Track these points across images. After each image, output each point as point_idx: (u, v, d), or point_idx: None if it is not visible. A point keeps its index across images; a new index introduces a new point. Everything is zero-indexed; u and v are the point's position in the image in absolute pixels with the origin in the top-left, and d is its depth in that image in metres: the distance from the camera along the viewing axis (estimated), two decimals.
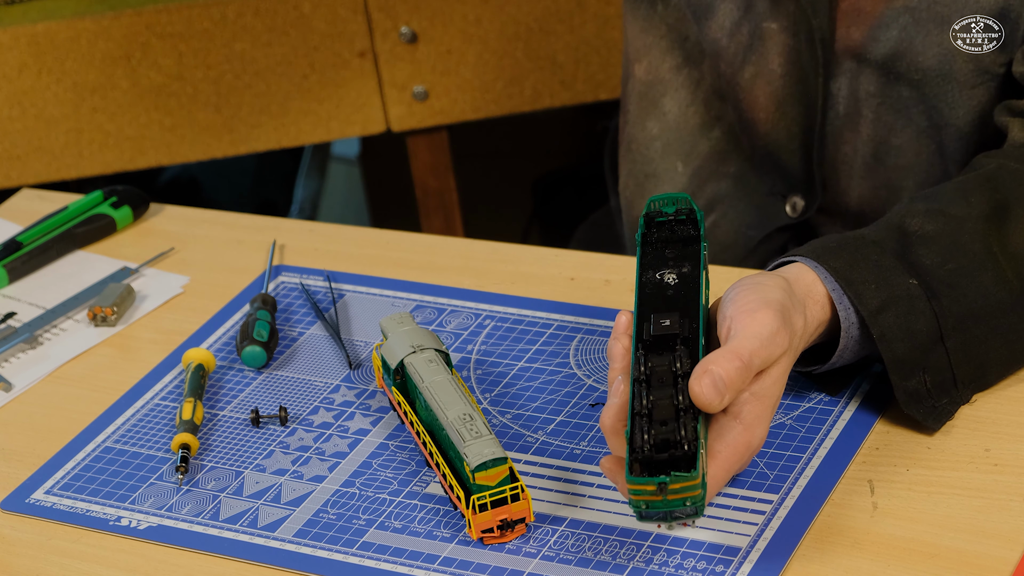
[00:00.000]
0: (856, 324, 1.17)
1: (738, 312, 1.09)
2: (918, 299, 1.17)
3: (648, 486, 1.01)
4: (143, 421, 1.32)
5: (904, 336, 1.16)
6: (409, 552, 1.14)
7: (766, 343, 1.08)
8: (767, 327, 1.08)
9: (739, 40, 1.46)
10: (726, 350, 1.06)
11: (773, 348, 1.08)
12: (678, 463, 1.02)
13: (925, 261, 1.19)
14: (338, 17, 2.04)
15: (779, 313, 1.09)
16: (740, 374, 1.05)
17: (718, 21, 1.47)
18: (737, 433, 1.07)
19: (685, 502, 1.02)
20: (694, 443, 1.02)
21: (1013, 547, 1.08)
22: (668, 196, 1.16)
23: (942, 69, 1.37)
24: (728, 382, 1.05)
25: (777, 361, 1.09)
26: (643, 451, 1.02)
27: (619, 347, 1.10)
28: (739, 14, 1.46)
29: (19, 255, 1.53)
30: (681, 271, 1.13)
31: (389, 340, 1.26)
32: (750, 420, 1.08)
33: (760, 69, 1.46)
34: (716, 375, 1.04)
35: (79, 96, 2.04)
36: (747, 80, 1.47)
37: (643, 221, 1.16)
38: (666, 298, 1.11)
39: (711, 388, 1.04)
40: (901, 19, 1.38)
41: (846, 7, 1.40)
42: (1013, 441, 1.17)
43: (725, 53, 1.47)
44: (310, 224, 1.59)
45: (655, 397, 1.04)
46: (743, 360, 1.06)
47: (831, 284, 1.16)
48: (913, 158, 1.43)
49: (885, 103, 1.41)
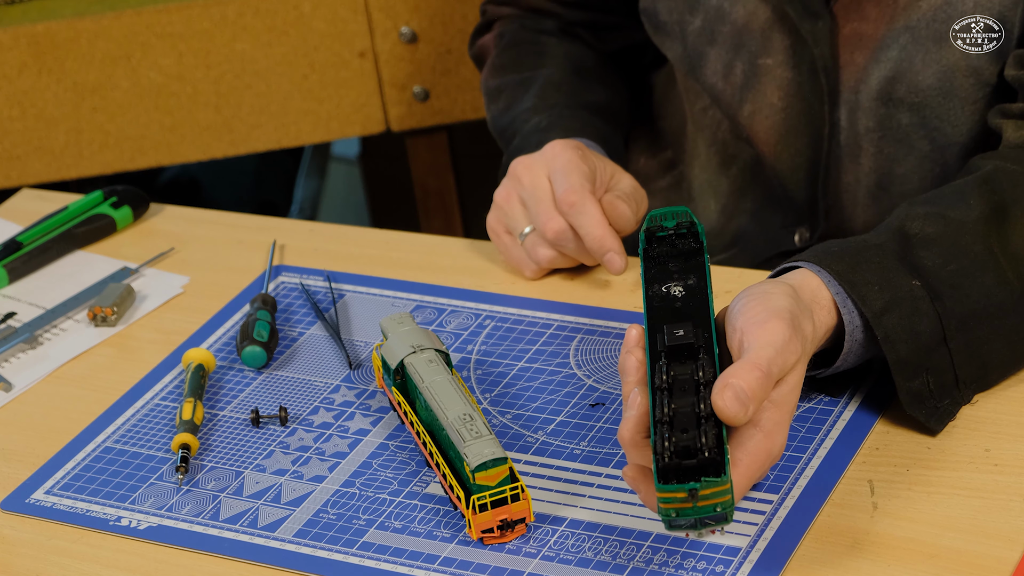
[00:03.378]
0: (860, 327, 1.17)
1: (748, 324, 1.09)
2: (921, 300, 1.17)
3: (679, 493, 1.01)
4: (143, 421, 1.32)
5: (908, 337, 1.16)
6: (409, 552, 1.14)
7: (781, 351, 1.08)
8: (780, 335, 1.08)
9: (733, 81, 1.47)
10: (744, 362, 1.06)
11: (788, 355, 1.08)
12: (706, 468, 1.01)
13: (927, 263, 1.19)
14: (338, 17, 2.04)
15: (789, 321, 1.09)
16: (761, 384, 1.05)
17: (711, 67, 1.48)
18: (757, 441, 1.07)
19: (715, 508, 1.01)
20: (718, 449, 1.02)
21: (1013, 547, 1.08)
22: (667, 210, 1.17)
23: (942, 87, 1.37)
24: (751, 394, 1.04)
25: (793, 368, 1.09)
26: (665, 458, 1.02)
27: (632, 360, 1.09)
28: (730, 55, 1.46)
29: (19, 255, 1.53)
30: (687, 283, 1.13)
31: (389, 340, 1.26)
32: (769, 428, 1.07)
33: (758, 105, 1.46)
34: (738, 388, 1.04)
35: (79, 96, 2.04)
36: (746, 117, 1.47)
37: (644, 236, 1.17)
38: (675, 310, 1.11)
39: (734, 401, 1.04)
40: (901, 39, 1.37)
41: (848, 33, 1.40)
42: (1013, 441, 1.17)
43: (723, 95, 1.48)
44: (310, 224, 1.59)
45: (676, 405, 1.04)
46: (763, 370, 1.06)
47: (835, 288, 1.16)
48: (918, 183, 1.43)
49: (886, 136, 1.41)
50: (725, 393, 1.04)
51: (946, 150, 1.40)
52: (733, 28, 1.45)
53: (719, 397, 1.04)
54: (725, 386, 1.04)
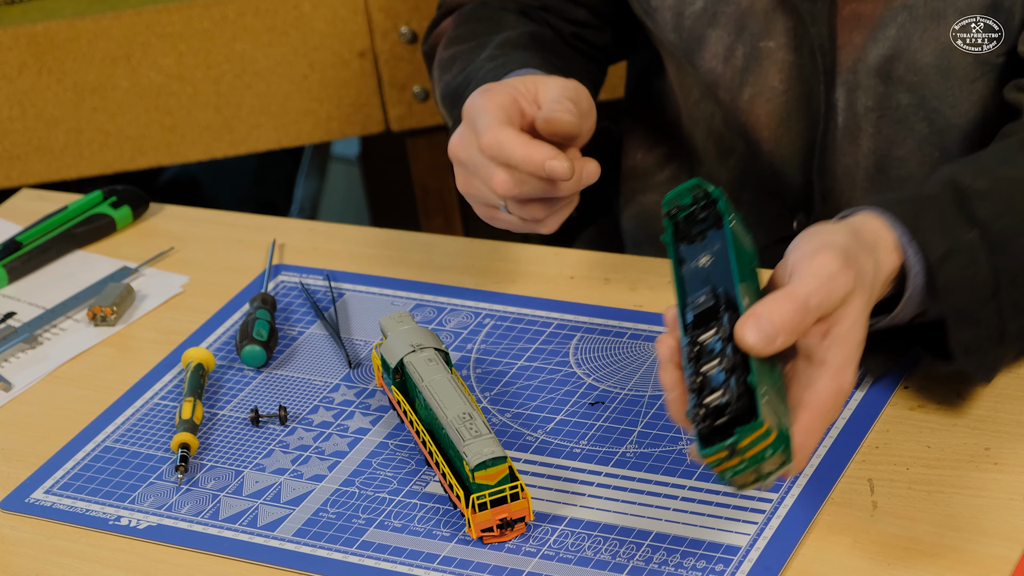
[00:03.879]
0: (921, 273, 1.16)
1: (799, 258, 1.07)
2: (978, 251, 1.16)
3: (720, 454, 0.99)
4: (143, 421, 1.32)
5: (965, 287, 1.15)
6: (409, 551, 1.14)
7: (825, 283, 1.05)
8: (826, 267, 1.06)
9: (734, 64, 1.46)
10: (778, 293, 1.04)
11: (835, 288, 1.06)
12: (739, 419, 1.00)
13: (981, 215, 1.17)
14: (338, 17, 2.04)
15: (841, 254, 1.07)
16: (794, 315, 1.03)
17: (711, 50, 1.47)
18: (826, 380, 1.05)
19: (765, 453, 0.99)
20: (747, 395, 1.00)
21: (1013, 546, 1.08)
22: (679, 190, 1.13)
23: (940, 65, 1.37)
24: (779, 324, 1.02)
25: (848, 301, 1.07)
26: (700, 426, 1.00)
27: (663, 348, 1.07)
28: (732, 38, 1.45)
29: (19, 255, 1.53)
30: (713, 250, 1.11)
31: (389, 339, 1.26)
32: (837, 365, 1.05)
33: (759, 89, 1.45)
34: (762, 318, 1.02)
35: (79, 96, 2.04)
36: (746, 102, 1.47)
37: (667, 223, 1.14)
38: (703, 280, 1.09)
39: (754, 331, 1.01)
40: (899, 17, 1.37)
41: (846, 14, 1.40)
42: (1013, 440, 1.17)
43: (721, 80, 1.47)
44: (310, 224, 1.59)
45: (704, 369, 1.03)
46: (797, 301, 1.03)
47: (900, 230, 1.15)
48: (916, 168, 1.42)
49: (885, 116, 1.41)
50: (747, 323, 1.02)
51: (945, 133, 1.40)
52: (736, 9, 1.44)
53: (740, 329, 1.02)
54: (748, 316, 1.02)
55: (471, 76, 1.43)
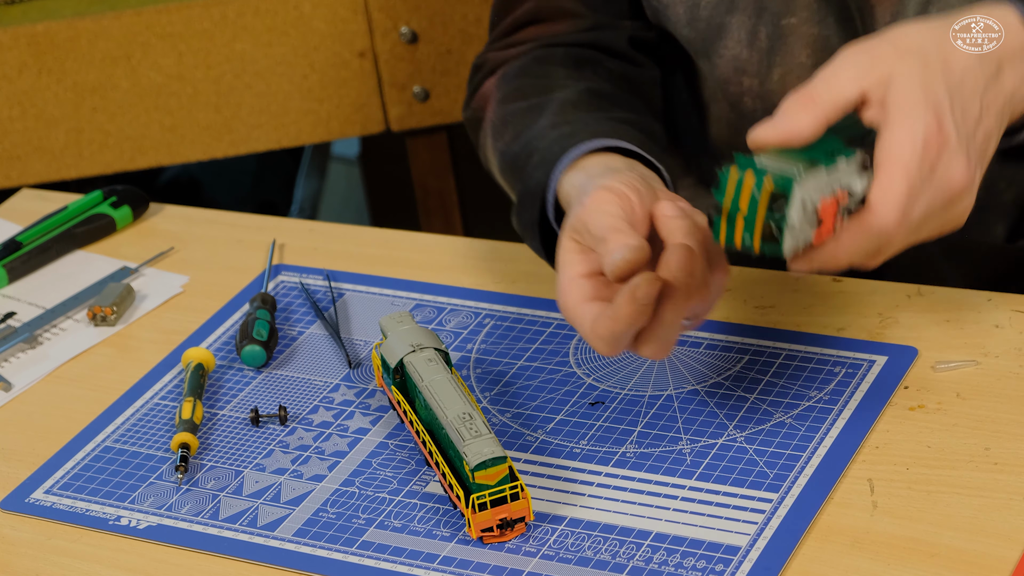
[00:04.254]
0: None
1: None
2: None
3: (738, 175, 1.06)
4: (143, 421, 1.32)
5: None
6: (409, 551, 1.14)
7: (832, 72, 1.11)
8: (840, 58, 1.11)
9: (759, 46, 1.45)
10: None
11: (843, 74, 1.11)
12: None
13: None
14: (338, 17, 2.04)
15: (856, 48, 1.12)
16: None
17: (734, 36, 1.46)
18: (891, 134, 1.09)
19: (756, 195, 1.05)
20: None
21: (1013, 546, 1.08)
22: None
23: None
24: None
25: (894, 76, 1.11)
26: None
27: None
28: (753, 21, 1.45)
29: (19, 255, 1.53)
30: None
31: (388, 339, 1.26)
32: (899, 117, 1.10)
33: (788, 67, 1.45)
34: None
35: (79, 96, 2.04)
36: (776, 82, 1.46)
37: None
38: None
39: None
40: None
41: None
42: (1013, 440, 1.17)
43: (748, 65, 1.46)
44: (310, 224, 1.59)
45: None
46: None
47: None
48: None
49: None
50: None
51: None
52: None
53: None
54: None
55: (533, 146, 1.37)
